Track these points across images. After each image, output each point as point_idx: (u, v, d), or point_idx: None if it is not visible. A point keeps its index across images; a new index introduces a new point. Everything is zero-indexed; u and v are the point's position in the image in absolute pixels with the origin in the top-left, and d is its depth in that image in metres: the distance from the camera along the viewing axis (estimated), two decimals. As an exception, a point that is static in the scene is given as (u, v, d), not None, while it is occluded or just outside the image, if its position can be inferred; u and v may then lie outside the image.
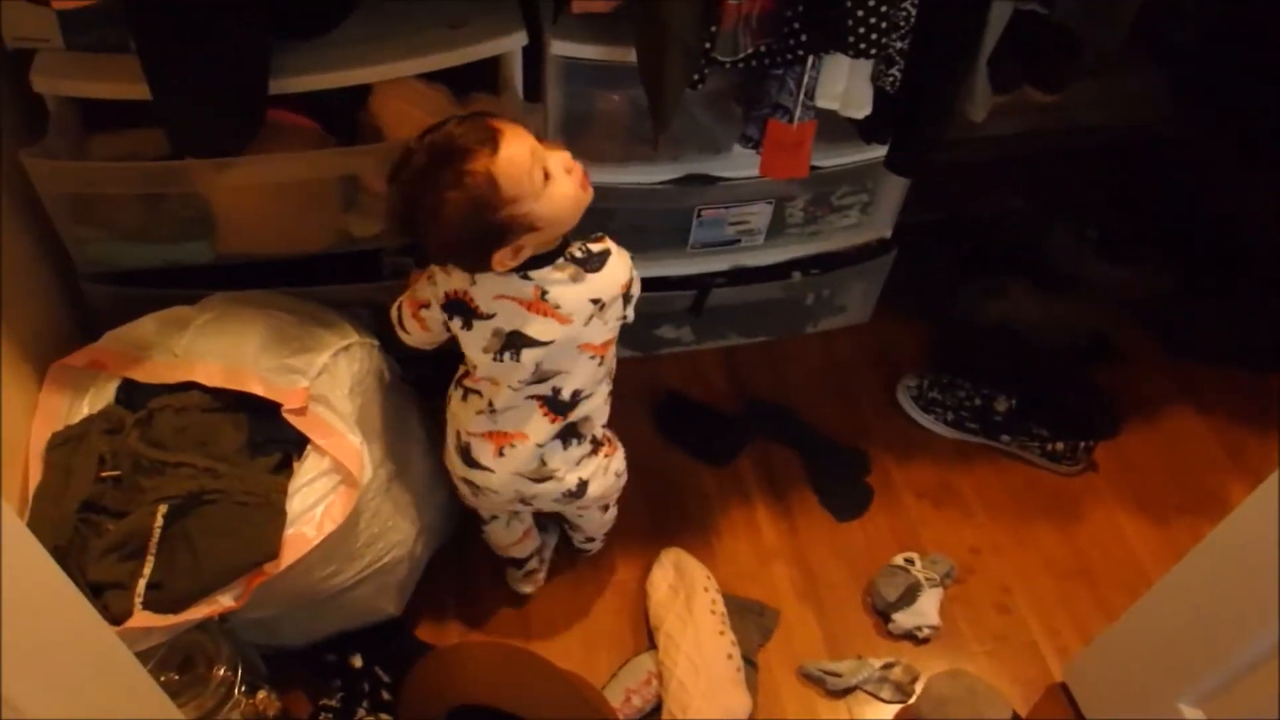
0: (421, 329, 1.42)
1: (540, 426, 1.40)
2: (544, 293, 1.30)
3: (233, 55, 1.31)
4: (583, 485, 1.48)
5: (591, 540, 1.75)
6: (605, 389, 1.46)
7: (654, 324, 2.06)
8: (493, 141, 1.19)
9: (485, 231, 1.22)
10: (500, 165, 1.19)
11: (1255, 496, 1.22)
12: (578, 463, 1.47)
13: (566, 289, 1.30)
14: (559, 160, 1.25)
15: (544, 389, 1.38)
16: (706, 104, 1.72)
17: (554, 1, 1.50)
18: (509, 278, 1.29)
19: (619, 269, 1.34)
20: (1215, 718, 1.37)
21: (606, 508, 1.66)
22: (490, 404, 1.40)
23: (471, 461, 1.45)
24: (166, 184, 1.47)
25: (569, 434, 1.44)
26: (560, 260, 1.30)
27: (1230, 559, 1.28)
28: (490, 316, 1.32)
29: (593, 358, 1.38)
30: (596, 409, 1.46)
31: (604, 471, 1.51)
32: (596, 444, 1.49)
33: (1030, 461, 1.98)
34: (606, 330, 1.37)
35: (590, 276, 1.31)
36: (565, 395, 1.39)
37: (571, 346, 1.35)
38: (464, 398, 1.44)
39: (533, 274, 1.29)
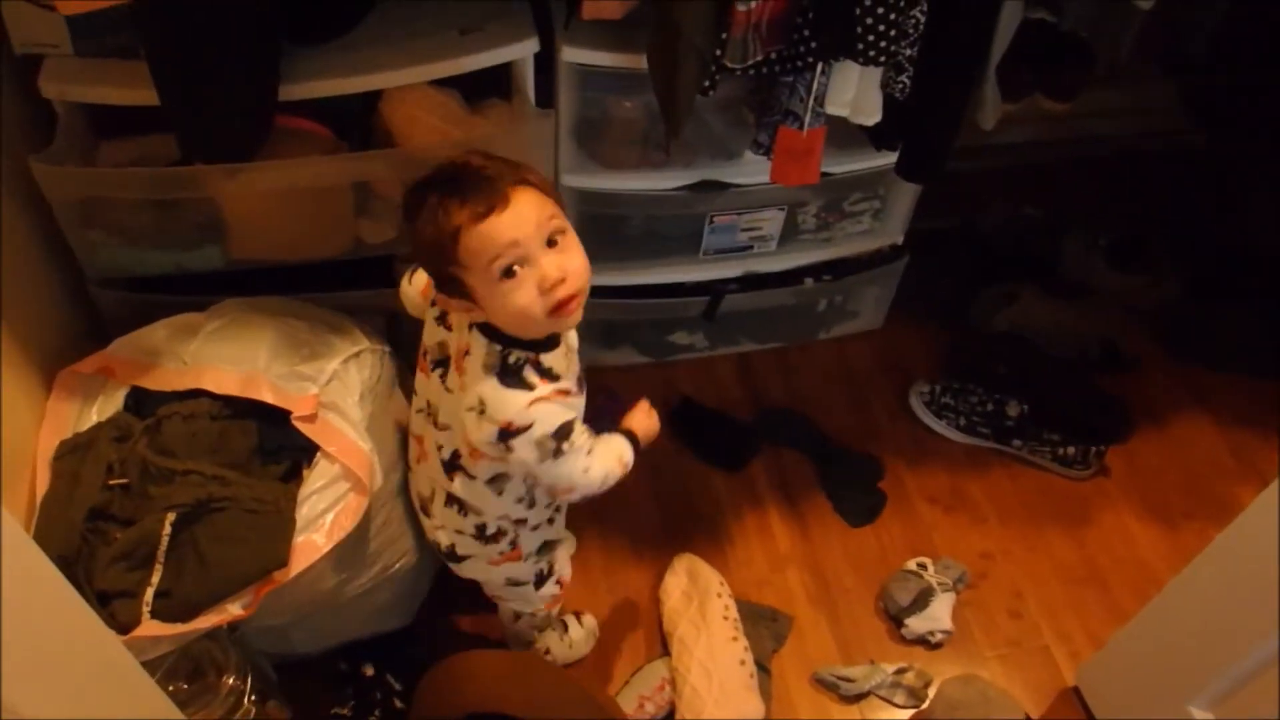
0: (422, 290, 1.31)
1: (437, 460, 1.30)
2: (466, 353, 1.20)
3: (242, 61, 1.28)
4: (453, 553, 1.36)
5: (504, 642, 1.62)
6: (497, 506, 1.30)
7: (667, 330, 2.03)
8: (489, 207, 1.07)
9: (435, 269, 1.14)
10: (471, 232, 1.07)
11: (1262, 500, 1.19)
12: (457, 530, 1.34)
13: (477, 370, 1.17)
14: (540, 271, 1.09)
15: (437, 434, 1.28)
16: (719, 111, 1.70)
17: (565, 7, 1.47)
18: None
19: (508, 407, 1.14)
20: (1227, 718, 1.34)
21: (517, 616, 1.53)
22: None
23: (405, 454, 1.39)
24: (176, 190, 1.44)
25: (453, 497, 1.31)
26: (498, 348, 1.16)
27: (1238, 561, 1.25)
28: (448, 329, 1.23)
29: (462, 444, 1.24)
30: (487, 512, 1.31)
31: (486, 562, 1.37)
32: (485, 534, 1.33)
33: (1042, 466, 1.95)
34: (474, 435, 1.18)
35: (493, 382, 1.15)
36: (446, 454, 1.28)
37: (457, 414, 1.22)
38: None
39: (474, 329, 1.18)
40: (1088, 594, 1.77)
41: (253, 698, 1.37)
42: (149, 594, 1.20)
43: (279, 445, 1.30)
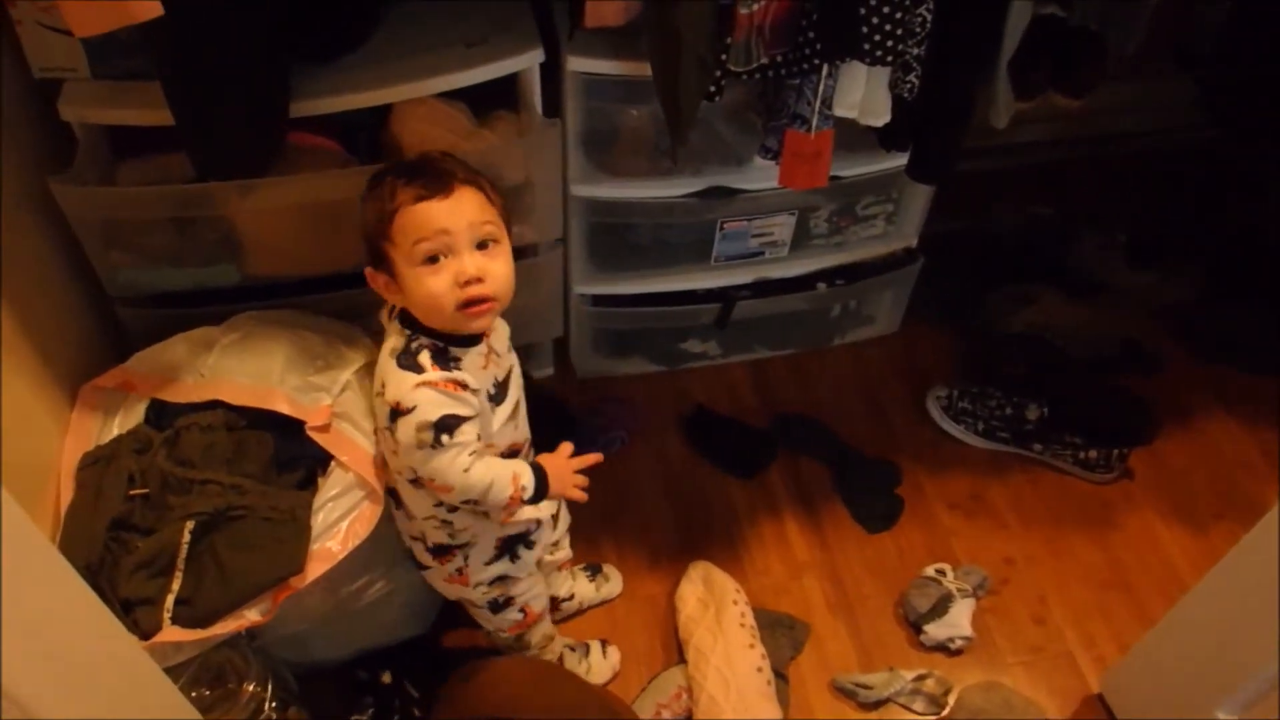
0: None
1: None
2: (385, 339, 1.27)
3: (252, 79, 1.33)
4: (412, 558, 1.43)
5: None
6: (420, 506, 1.31)
7: (680, 338, 2.05)
8: (430, 192, 1.17)
9: (370, 244, 1.23)
10: (407, 211, 1.17)
11: None
12: (411, 536, 1.39)
13: (385, 354, 1.23)
14: (460, 264, 1.17)
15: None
16: (727, 117, 1.73)
17: (569, 17, 1.51)
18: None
19: (398, 387, 1.18)
20: None
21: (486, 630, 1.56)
22: None
23: None
24: (191, 207, 1.49)
25: (399, 498, 1.35)
26: (408, 333, 1.22)
27: (1265, 562, 1.24)
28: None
29: (385, 445, 1.29)
30: (417, 514, 1.33)
31: (441, 579, 1.43)
32: (428, 545, 1.38)
33: (1063, 470, 1.96)
34: (380, 421, 1.26)
35: (392, 362, 1.20)
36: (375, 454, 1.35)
37: (373, 407, 1.30)
38: None
39: (394, 319, 1.26)
40: (1113, 599, 1.77)
41: (273, 704, 1.41)
42: (169, 601, 1.24)
43: (294, 455, 1.35)
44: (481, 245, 1.20)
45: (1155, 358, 2.12)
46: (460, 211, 1.18)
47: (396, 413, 1.18)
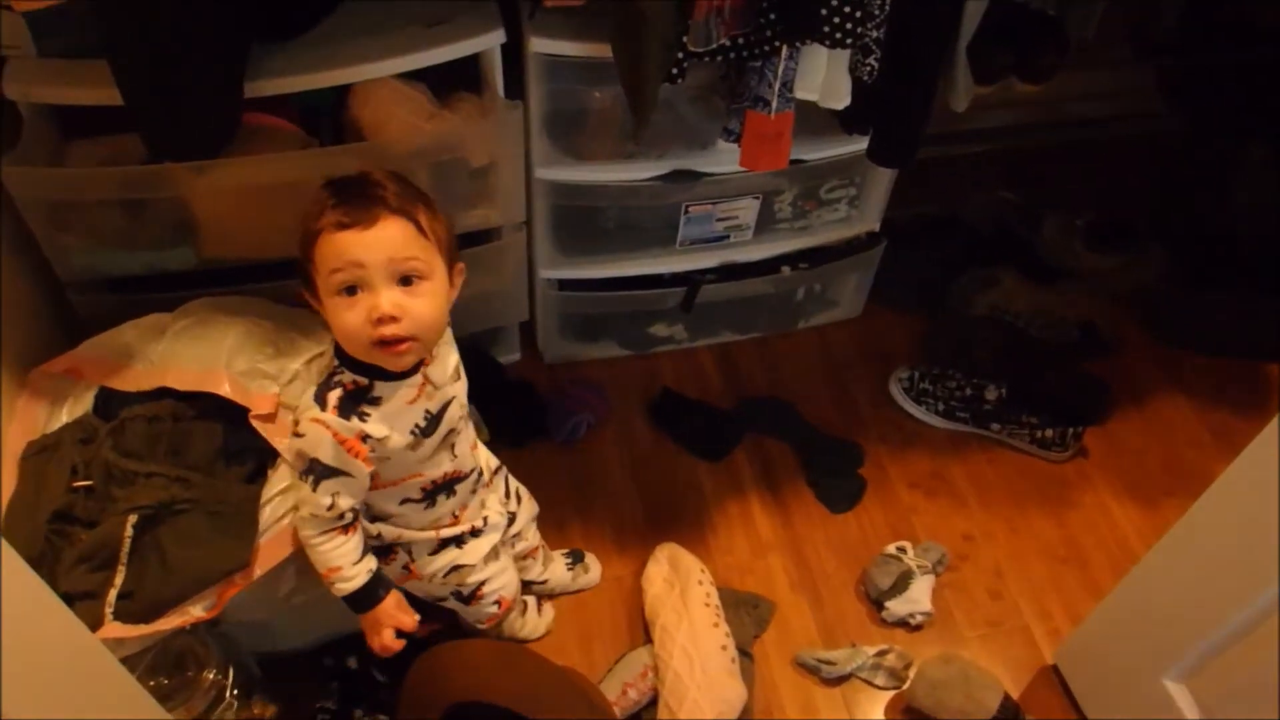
0: None
1: None
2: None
3: (205, 57, 1.20)
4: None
5: None
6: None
7: (647, 322, 1.95)
8: (352, 221, 1.03)
9: (299, 259, 1.10)
10: (326, 238, 1.04)
11: (1231, 471, 1.15)
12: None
13: (313, 374, 1.15)
14: (374, 302, 1.04)
15: None
16: (691, 101, 1.62)
17: (530, -2, 1.40)
18: None
19: (303, 409, 1.12)
20: (1198, 691, 1.29)
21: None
22: None
23: None
24: (144, 189, 1.36)
25: None
26: (336, 362, 1.12)
27: (1205, 536, 1.22)
28: None
29: None
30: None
31: (394, 577, 1.33)
32: (375, 545, 1.30)
33: (1021, 449, 1.88)
34: None
35: (312, 388, 1.12)
36: None
37: None
38: None
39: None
40: (1068, 573, 1.71)
41: (235, 692, 1.31)
42: (111, 595, 1.13)
43: (243, 446, 1.23)
44: (405, 281, 1.06)
45: (1113, 341, 2.03)
46: (379, 245, 1.03)
47: (294, 429, 1.11)
